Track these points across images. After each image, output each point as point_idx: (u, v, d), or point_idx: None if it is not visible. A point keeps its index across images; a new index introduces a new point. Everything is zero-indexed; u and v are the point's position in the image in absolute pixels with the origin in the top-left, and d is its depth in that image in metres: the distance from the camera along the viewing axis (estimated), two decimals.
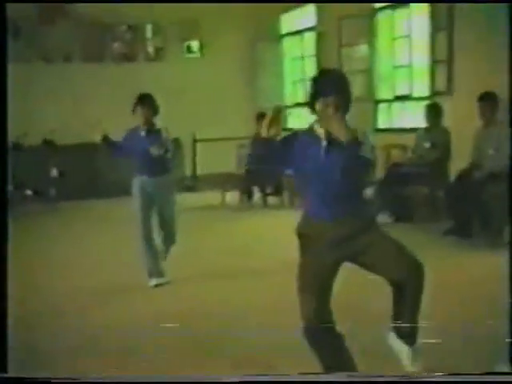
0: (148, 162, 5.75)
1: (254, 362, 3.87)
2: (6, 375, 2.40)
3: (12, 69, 11.91)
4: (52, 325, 4.78)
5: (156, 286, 5.74)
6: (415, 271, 3.40)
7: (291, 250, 3.61)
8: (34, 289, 5.71)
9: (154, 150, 5.66)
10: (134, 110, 5.82)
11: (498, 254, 6.06)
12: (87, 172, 11.39)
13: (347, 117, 3.41)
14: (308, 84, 3.53)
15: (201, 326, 4.57)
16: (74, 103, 11.42)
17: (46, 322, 4.87)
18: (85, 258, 6.91)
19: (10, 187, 9.57)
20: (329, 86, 3.35)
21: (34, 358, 4.01)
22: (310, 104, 3.38)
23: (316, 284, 3.39)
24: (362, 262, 3.45)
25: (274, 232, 7.78)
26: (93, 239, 7.88)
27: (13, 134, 10.33)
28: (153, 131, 5.81)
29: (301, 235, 3.46)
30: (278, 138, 9.10)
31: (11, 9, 10.84)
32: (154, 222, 5.91)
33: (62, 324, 4.78)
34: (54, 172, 10.50)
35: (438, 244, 6.85)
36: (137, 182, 5.84)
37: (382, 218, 8.12)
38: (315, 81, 3.42)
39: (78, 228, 8.72)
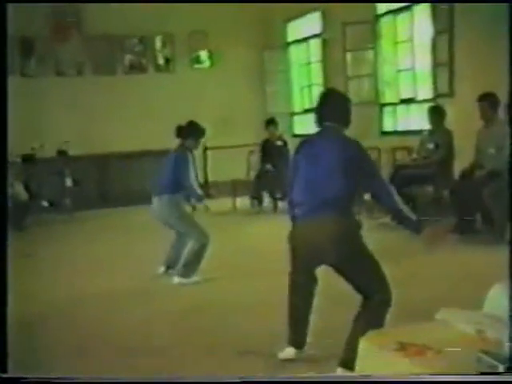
0: None
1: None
2: (5, 375, 2.41)
3: (26, 83, 12.20)
4: (64, 327, 4.98)
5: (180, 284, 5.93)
6: (385, 291, 3.66)
7: None
8: (52, 292, 5.94)
9: None
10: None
11: (500, 250, 6.23)
12: (99, 182, 11.65)
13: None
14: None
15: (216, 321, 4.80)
16: (86, 115, 11.67)
17: (60, 322, 5.08)
18: (98, 264, 7.11)
19: (25, 198, 9.84)
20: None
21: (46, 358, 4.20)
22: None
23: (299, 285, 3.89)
24: (338, 268, 3.74)
25: (284, 236, 7.93)
26: (106, 246, 8.08)
27: (28, 145, 10.65)
28: None
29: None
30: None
31: (24, 27, 11.08)
32: None
33: (74, 325, 4.99)
34: (69, 182, 10.71)
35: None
36: None
37: (389, 219, 8.33)
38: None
39: (92, 236, 8.94)
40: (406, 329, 2.64)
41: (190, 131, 6.26)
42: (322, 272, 3.93)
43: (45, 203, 10.58)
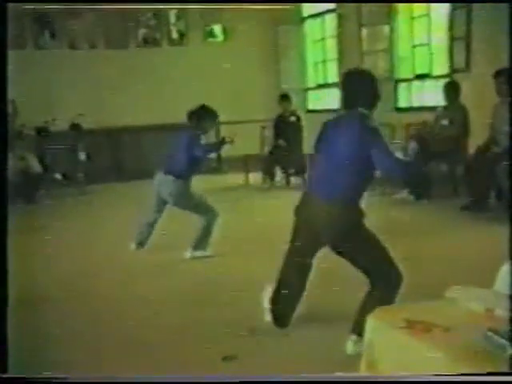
0: None
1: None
2: (5, 375, 2.40)
3: (40, 57, 12.17)
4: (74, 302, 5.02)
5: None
6: (393, 275, 3.59)
7: None
8: (62, 266, 5.96)
9: None
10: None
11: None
12: (112, 156, 11.67)
13: None
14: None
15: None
16: (99, 88, 11.64)
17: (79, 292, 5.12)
18: (110, 237, 7.11)
19: (39, 171, 9.90)
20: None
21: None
22: None
23: (296, 262, 3.89)
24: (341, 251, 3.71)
25: None
26: (118, 219, 8.06)
27: (41, 118, 10.66)
28: None
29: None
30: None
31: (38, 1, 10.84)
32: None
33: (85, 301, 5.02)
34: (82, 156, 10.73)
35: (454, 219, 6.97)
36: None
37: (403, 196, 8.29)
38: None
39: (104, 209, 8.95)
40: (414, 306, 2.62)
41: (202, 115, 6.10)
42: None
43: (58, 176, 10.61)
